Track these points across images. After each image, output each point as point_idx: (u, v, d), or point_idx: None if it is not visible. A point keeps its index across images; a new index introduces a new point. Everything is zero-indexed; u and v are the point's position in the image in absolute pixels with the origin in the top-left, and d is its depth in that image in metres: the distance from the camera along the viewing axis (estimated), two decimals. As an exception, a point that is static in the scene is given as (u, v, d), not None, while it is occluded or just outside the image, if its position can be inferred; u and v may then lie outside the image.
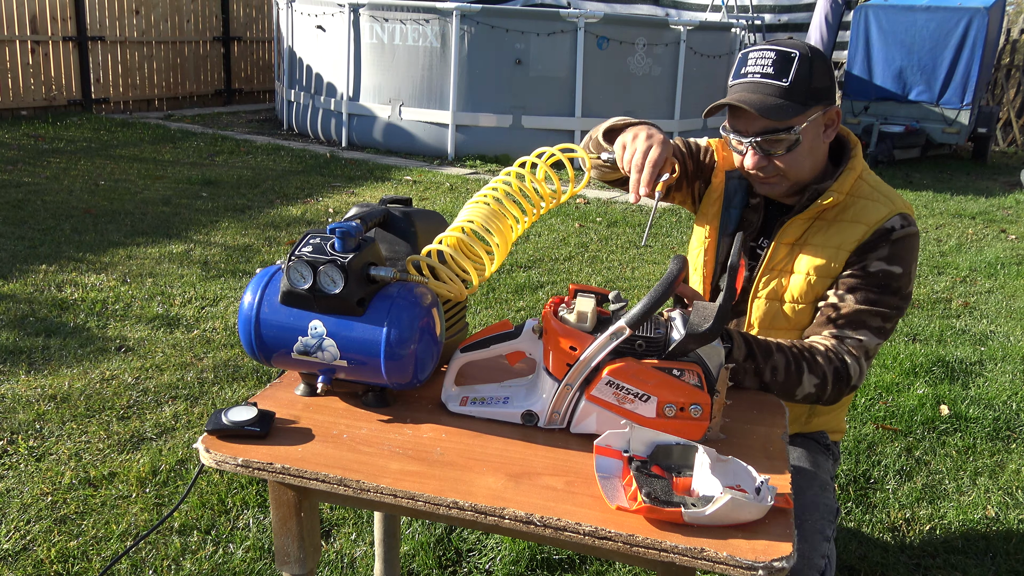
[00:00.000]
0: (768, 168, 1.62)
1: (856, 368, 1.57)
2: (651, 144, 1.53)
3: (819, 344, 1.58)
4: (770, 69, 1.56)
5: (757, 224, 1.75)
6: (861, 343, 1.58)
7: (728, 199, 1.77)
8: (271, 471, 1.23)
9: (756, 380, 1.53)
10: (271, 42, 11.79)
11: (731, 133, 1.63)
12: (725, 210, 1.77)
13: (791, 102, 1.55)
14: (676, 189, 1.83)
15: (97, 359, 3.20)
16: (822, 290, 1.65)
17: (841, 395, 1.58)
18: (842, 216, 1.66)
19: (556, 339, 1.31)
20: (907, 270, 1.62)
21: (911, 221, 1.64)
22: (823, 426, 1.83)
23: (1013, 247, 5.72)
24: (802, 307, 1.67)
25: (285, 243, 4.89)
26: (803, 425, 1.81)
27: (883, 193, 1.67)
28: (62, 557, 2.09)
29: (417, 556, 2.16)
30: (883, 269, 1.61)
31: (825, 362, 1.55)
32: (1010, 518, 2.46)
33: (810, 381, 1.54)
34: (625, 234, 5.49)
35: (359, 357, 1.33)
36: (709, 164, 1.82)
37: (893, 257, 1.61)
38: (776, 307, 1.70)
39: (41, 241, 4.63)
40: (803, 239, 1.68)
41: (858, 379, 1.58)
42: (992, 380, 3.42)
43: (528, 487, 1.19)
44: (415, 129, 8.11)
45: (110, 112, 9.81)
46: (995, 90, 10.67)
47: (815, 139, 1.62)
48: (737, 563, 1.05)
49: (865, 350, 1.59)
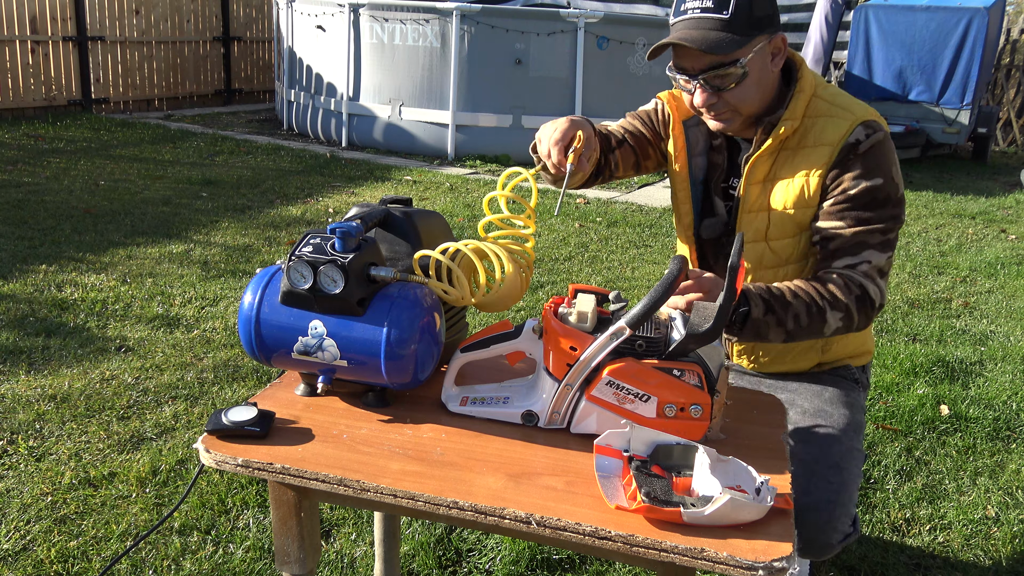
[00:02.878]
0: (718, 105, 1.60)
1: (875, 289, 1.55)
2: (555, 126, 1.53)
3: (832, 277, 1.55)
4: (709, 3, 1.53)
5: (723, 165, 1.73)
6: (871, 264, 1.56)
7: (691, 148, 1.76)
8: (271, 471, 1.23)
9: (781, 332, 1.50)
10: (271, 42, 11.79)
11: (677, 73, 1.61)
12: (690, 159, 1.76)
13: (734, 34, 1.52)
14: (644, 158, 1.82)
15: (97, 359, 3.20)
16: (804, 220, 1.63)
17: (871, 319, 1.57)
18: (804, 142, 1.62)
19: (556, 339, 1.31)
20: (887, 177, 1.58)
21: (876, 127, 1.59)
22: (843, 352, 1.79)
23: (1013, 247, 5.72)
24: (787, 241, 1.65)
25: (285, 243, 4.89)
26: (821, 353, 1.78)
27: (841, 106, 1.62)
28: (62, 557, 2.09)
29: (417, 556, 2.16)
30: (863, 186, 1.56)
31: (844, 294, 1.53)
32: (1010, 518, 2.46)
33: (835, 317, 1.52)
34: (625, 234, 5.49)
35: (359, 357, 1.33)
36: (665, 121, 1.81)
37: (868, 171, 1.57)
38: (761, 247, 1.68)
39: (41, 241, 4.63)
40: (772, 174, 1.65)
41: (882, 298, 1.57)
42: (992, 380, 3.42)
43: (528, 487, 1.19)
44: (415, 129, 8.11)
45: (110, 112, 9.81)
46: (995, 90, 10.67)
47: (762, 70, 1.59)
48: (737, 563, 1.05)
49: (878, 269, 1.56)
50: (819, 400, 1.75)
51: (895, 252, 2.07)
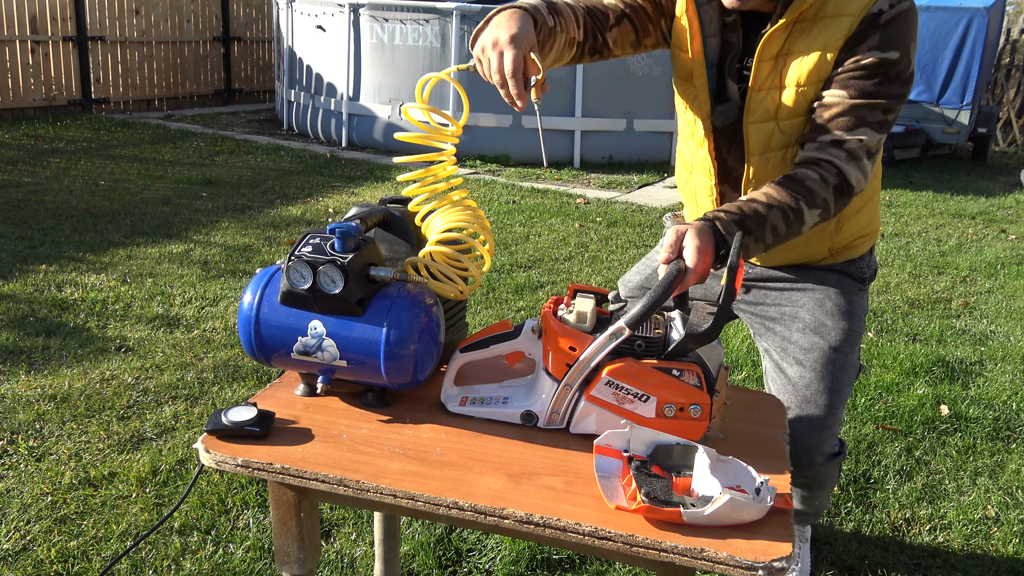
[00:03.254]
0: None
1: (857, 173, 1.50)
2: (501, 51, 1.36)
3: (811, 161, 1.50)
4: None
5: (739, 44, 1.62)
6: (862, 143, 1.49)
7: (704, 28, 1.63)
8: (271, 471, 1.23)
9: (760, 247, 1.47)
10: (271, 42, 11.79)
11: None
12: (705, 40, 1.64)
13: None
14: (644, 35, 1.70)
15: (97, 359, 3.21)
16: (815, 97, 1.54)
17: (849, 203, 1.54)
18: (823, 12, 1.52)
19: (555, 339, 1.31)
20: (905, 52, 1.48)
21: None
22: (854, 232, 1.74)
23: (1013, 247, 5.72)
24: (797, 120, 1.58)
25: (285, 243, 4.89)
26: (834, 235, 1.73)
27: None
28: (62, 557, 2.09)
29: (417, 556, 2.16)
30: (878, 58, 1.47)
31: (821, 187, 1.48)
32: (1010, 518, 2.46)
33: (812, 214, 1.48)
34: (625, 234, 5.49)
35: (359, 357, 1.33)
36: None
37: (887, 42, 1.47)
38: (771, 127, 1.61)
39: (41, 241, 4.63)
40: (786, 48, 1.55)
41: (863, 181, 1.52)
42: (992, 380, 3.42)
43: (528, 487, 1.19)
44: (415, 129, 8.10)
45: (110, 112, 9.81)
46: (995, 90, 10.67)
47: None
48: (737, 563, 1.05)
49: (867, 149, 1.50)
50: (820, 312, 1.73)
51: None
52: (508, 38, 1.35)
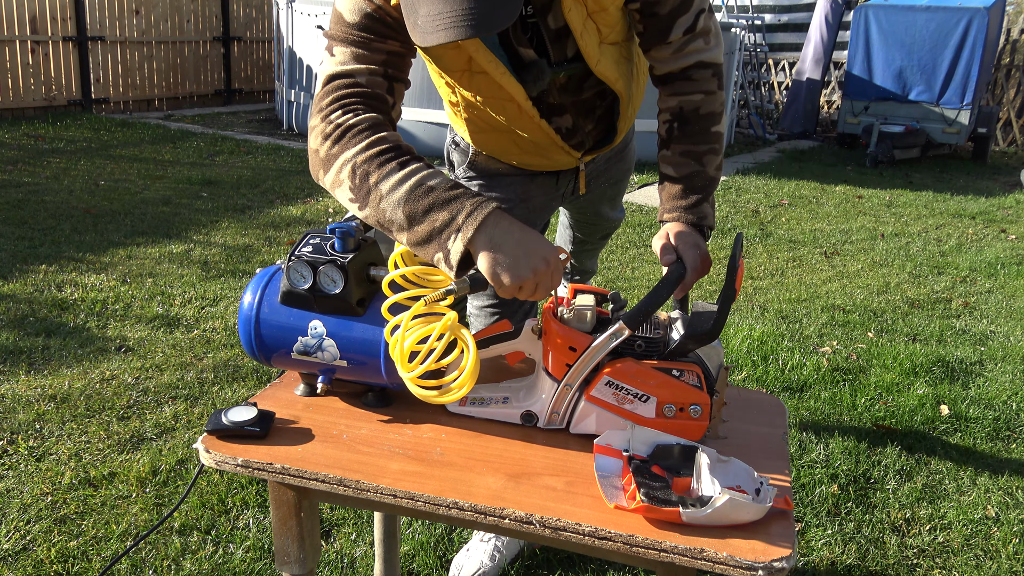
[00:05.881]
0: None
1: (716, 44, 1.51)
2: (546, 288, 1.23)
3: (681, 76, 1.50)
4: None
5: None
6: (704, 12, 1.48)
7: None
8: (271, 471, 1.23)
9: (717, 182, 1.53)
10: (271, 42, 11.79)
11: None
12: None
13: None
14: (407, 72, 1.44)
15: (97, 359, 3.21)
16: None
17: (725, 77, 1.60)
18: None
19: (555, 339, 1.31)
20: None
21: None
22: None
23: (1013, 247, 5.72)
24: (619, 26, 1.51)
25: (285, 243, 4.89)
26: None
27: None
28: (62, 557, 2.09)
29: (417, 556, 2.16)
30: None
31: (708, 99, 1.50)
32: (1010, 518, 2.46)
33: (723, 122, 1.54)
34: (625, 234, 5.49)
35: (359, 357, 1.33)
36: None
37: None
38: (612, 51, 1.53)
39: (41, 241, 4.63)
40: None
41: (720, 36, 1.53)
42: (992, 380, 3.42)
43: (528, 487, 1.19)
44: (415, 129, 8.11)
45: (110, 112, 9.81)
46: (995, 90, 10.67)
47: None
48: (737, 563, 1.05)
49: (708, 9, 1.49)
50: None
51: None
52: (550, 268, 1.21)
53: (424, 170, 1.24)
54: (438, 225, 1.19)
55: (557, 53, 1.51)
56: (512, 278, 1.18)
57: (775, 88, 12.19)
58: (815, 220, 6.27)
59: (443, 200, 1.20)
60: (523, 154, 1.73)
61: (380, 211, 1.23)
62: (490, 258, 1.18)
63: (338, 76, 1.34)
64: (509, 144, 1.70)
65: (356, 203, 1.26)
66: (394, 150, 1.26)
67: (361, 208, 1.26)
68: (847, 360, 3.54)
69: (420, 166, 1.25)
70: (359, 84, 1.33)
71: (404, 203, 1.21)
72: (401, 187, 1.22)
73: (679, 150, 1.52)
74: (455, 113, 1.72)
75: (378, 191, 1.23)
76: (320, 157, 1.31)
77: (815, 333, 3.85)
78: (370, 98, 1.34)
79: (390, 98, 1.37)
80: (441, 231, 1.19)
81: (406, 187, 1.22)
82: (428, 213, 1.20)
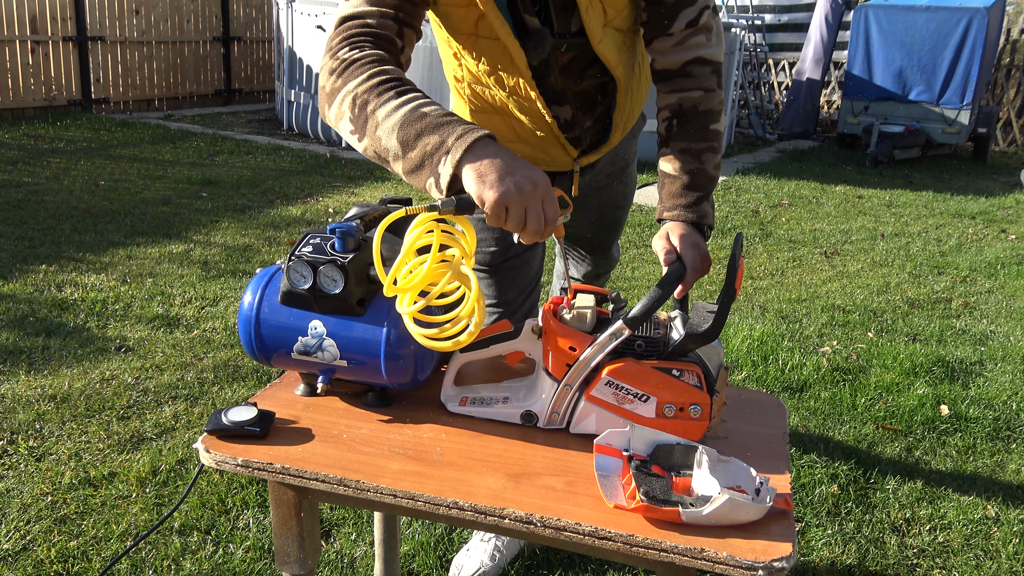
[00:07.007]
0: None
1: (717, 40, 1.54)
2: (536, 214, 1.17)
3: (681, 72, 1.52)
4: None
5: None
6: (708, 9, 1.50)
7: None
8: (271, 471, 1.23)
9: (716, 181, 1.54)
10: (271, 42, 11.79)
11: None
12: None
13: None
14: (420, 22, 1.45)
15: (97, 359, 3.21)
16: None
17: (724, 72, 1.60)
18: None
19: (555, 339, 1.31)
20: None
21: None
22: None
23: (1013, 247, 5.72)
24: (626, 12, 1.54)
25: (285, 243, 4.89)
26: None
27: None
28: (62, 557, 2.09)
29: (417, 556, 2.16)
30: None
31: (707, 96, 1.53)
32: (1010, 518, 2.46)
33: (723, 120, 1.56)
34: (625, 234, 5.49)
35: (359, 357, 1.33)
36: None
37: None
38: (616, 36, 1.56)
39: (41, 241, 4.63)
40: None
41: (721, 32, 1.56)
42: (992, 380, 3.42)
43: (528, 487, 1.19)
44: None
45: (110, 112, 9.81)
46: (995, 90, 10.67)
47: None
48: (737, 563, 1.05)
49: (712, 7, 1.52)
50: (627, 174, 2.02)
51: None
52: (541, 194, 1.17)
53: (421, 99, 1.24)
54: (429, 149, 1.19)
55: (561, 24, 1.53)
56: (497, 194, 1.14)
57: (775, 88, 12.19)
58: (815, 220, 6.27)
59: (435, 125, 1.20)
60: (521, 143, 1.75)
61: (376, 139, 1.24)
62: (476, 175, 1.16)
63: (350, 18, 1.37)
64: (508, 131, 1.73)
65: (356, 134, 1.27)
66: (394, 80, 1.27)
67: (360, 139, 1.27)
68: (847, 360, 3.54)
69: (418, 95, 1.25)
70: (369, 25, 1.36)
71: (398, 129, 1.21)
72: (396, 114, 1.22)
73: (678, 147, 1.54)
74: (458, 92, 1.75)
75: (374, 119, 1.24)
76: (326, 92, 1.33)
77: (815, 333, 3.85)
78: (379, 38, 1.35)
79: (399, 41, 1.38)
80: (432, 154, 1.19)
81: (401, 113, 1.22)
82: (419, 138, 1.20)
